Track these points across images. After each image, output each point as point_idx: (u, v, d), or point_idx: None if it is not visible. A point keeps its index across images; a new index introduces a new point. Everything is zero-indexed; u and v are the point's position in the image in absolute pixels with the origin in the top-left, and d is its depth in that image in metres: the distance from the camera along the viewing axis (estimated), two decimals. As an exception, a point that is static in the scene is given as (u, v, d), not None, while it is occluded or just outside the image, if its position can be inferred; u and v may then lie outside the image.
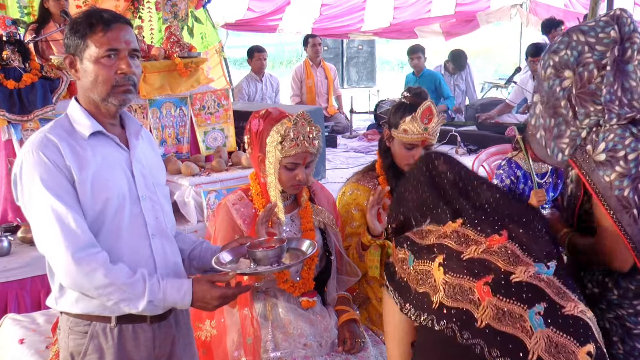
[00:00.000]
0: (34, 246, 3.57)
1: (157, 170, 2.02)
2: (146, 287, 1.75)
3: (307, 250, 2.06)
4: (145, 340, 1.90)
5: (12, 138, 3.97)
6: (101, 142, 1.85)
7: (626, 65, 1.69)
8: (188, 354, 2.07)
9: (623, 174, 1.65)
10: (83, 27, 1.79)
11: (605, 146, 1.68)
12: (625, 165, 1.65)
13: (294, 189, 2.47)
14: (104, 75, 1.79)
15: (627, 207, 1.64)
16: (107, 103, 1.83)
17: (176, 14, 5.05)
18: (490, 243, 1.56)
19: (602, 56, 1.69)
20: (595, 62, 1.70)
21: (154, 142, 2.13)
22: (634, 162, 1.65)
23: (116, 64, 1.80)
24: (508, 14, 10.18)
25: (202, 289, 1.81)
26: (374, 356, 2.48)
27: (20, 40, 4.22)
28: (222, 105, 4.98)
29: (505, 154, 3.65)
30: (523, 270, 1.51)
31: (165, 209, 1.98)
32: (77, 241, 1.71)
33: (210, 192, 4.21)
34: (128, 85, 1.82)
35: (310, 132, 2.39)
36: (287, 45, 18.23)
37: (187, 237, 2.17)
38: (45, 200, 1.72)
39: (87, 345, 1.86)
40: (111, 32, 1.79)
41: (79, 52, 1.81)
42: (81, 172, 1.76)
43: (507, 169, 3.37)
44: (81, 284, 1.73)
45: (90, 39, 1.78)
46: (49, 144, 1.76)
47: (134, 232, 1.86)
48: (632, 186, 1.64)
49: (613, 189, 1.65)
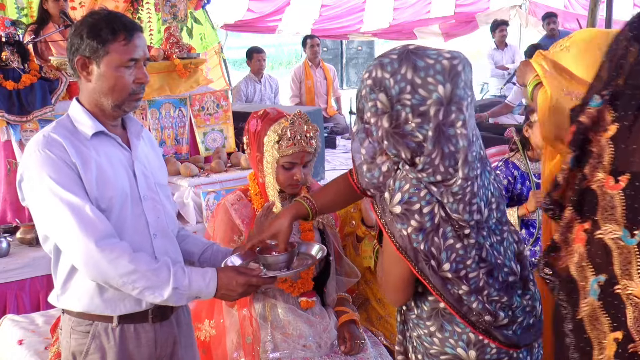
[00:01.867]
0: (33, 247, 3.68)
1: (158, 171, 2.03)
2: (171, 274, 1.75)
3: (317, 254, 2.04)
4: (147, 340, 1.90)
5: (11, 139, 3.97)
6: (103, 142, 1.86)
7: (449, 129, 1.55)
8: (189, 353, 2.07)
9: (418, 228, 1.59)
10: (105, 33, 1.78)
11: (401, 198, 1.60)
12: (420, 218, 1.59)
13: (292, 189, 2.47)
14: (123, 84, 1.81)
15: (426, 260, 1.61)
16: (118, 109, 1.85)
17: (175, 15, 5.06)
18: (607, 184, 1.47)
19: (422, 103, 1.55)
20: (412, 106, 1.55)
21: (155, 143, 2.14)
22: (428, 216, 1.59)
23: (134, 73, 1.82)
24: (507, 15, 10.19)
25: (227, 276, 1.81)
26: (373, 357, 2.48)
27: (20, 41, 4.22)
28: (221, 106, 4.99)
29: (505, 154, 3.65)
30: (609, 230, 1.45)
31: (166, 208, 1.98)
32: (98, 230, 1.72)
33: (210, 193, 4.21)
34: (141, 93, 1.86)
35: (308, 132, 2.39)
36: (286, 46, 18.24)
37: (198, 240, 2.18)
38: (58, 195, 1.72)
39: (89, 345, 1.86)
40: (133, 42, 1.81)
41: (96, 57, 1.80)
42: (86, 171, 1.77)
43: (504, 170, 3.37)
44: (106, 272, 1.72)
45: (112, 46, 1.78)
46: (54, 142, 1.77)
47: (136, 231, 1.86)
48: (426, 239, 1.60)
49: (411, 242, 1.60)
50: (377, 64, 1.60)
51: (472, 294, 1.65)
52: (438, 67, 1.55)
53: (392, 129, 1.58)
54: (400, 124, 1.57)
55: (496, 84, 8.81)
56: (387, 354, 2.59)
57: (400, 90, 1.55)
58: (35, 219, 1.83)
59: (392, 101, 1.56)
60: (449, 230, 1.61)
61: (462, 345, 1.71)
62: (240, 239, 2.43)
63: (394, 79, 1.56)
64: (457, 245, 1.61)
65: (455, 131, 1.56)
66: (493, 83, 9.04)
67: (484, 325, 1.68)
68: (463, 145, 1.56)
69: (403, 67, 1.56)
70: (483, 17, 10.18)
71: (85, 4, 5.80)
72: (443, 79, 1.54)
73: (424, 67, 1.55)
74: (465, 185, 1.58)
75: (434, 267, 1.62)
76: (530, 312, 1.78)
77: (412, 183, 1.60)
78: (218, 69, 7.67)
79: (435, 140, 1.55)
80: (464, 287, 1.64)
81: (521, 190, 3.35)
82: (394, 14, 10.43)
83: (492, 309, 1.67)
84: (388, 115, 1.58)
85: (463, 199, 1.58)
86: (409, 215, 1.59)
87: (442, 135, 1.55)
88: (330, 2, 10.11)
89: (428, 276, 1.63)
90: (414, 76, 1.54)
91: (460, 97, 1.56)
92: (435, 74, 1.54)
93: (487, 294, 1.67)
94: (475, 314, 1.66)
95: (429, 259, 1.61)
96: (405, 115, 1.56)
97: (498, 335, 1.70)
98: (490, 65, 8.83)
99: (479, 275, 1.65)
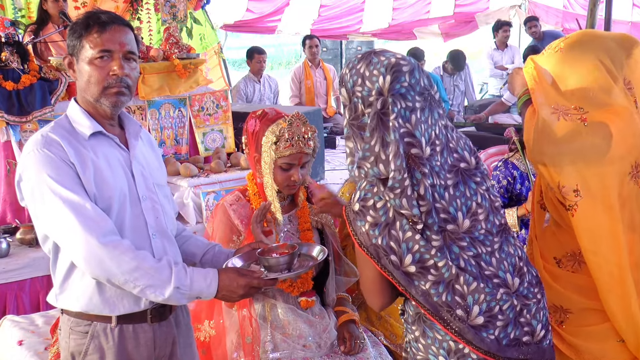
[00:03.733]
0: (33, 247, 3.68)
1: (157, 171, 2.03)
2: (172, 273, 1.75)
3: (318, 255, 2.05)
4: (145, 340, 1.90)
5: (10, 139, 3.96)
6: (101, 142, 1.86)
7: (387, 118, 1.64)
8: (189, 354, 2.07)
9: (374, 223, 1.65)
10: (80, 28, 1.81)
11: (359, 195, 1.68)
12: (374, 213, 1.65)
13: (289, 189, 2.47)
14: (96, 77, 1.80)
15: (386, 255, 1.64)
16: (99, 104, 1.84)
17: (175, 15, 5.05)
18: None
19: (369, 94, 1.67)
20: (362, 97, 1.68)
21: (154, 143, 2.13)
22: (382, 210, 1.64)
23: (109, 66, 1.81)
24: (507, 15, 10.20)
25: (228, 277, 1.81)
26: (373, 357, 2.48)
27: (19, 42, 4.21)
28: (220, 107, 4.99)
29: (505, 154, 3.65)
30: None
31: (165, 209, 1.98)
32: (99, 227, 1.72)
33: (209, 193, 4.21)
34: (120, 87, 1.82)
35: (306, 133, 2.39)
36: (286, 46, 18.23)
37: (200, 241, 2.18)
38: (58, 194, 1.72)
39: (87, 345, 1.86)
40: (106, 34, 1.80)
41: (76, 53, 1.83)
42: (85, 171, 1.77)
43: (503, 170, 3.37)
44: (109, 269, 1.72)
45: (86, 40, 1.80)
46: (52, 142, 1.77)
47: (135, 231, 1.86)
48: (383, 234, 1.64)
49: (370, 237, 1.65)
50: (346, 64, 1.77)
51: (441, 284, 1.64)
52: (385, 62, 1.67)
53: (351, 121, 1.72)
54: (358, 116, 1.70)
55: (495, 84, 8.84)
56: (387, 353, 2.59)
57: (354, 82, 1.69)
58: (34, 219, 1.82)
59: (349, 94, 1.71)
60: (405, 223, 1.63)
61: (443, 354, 1.71)
62: (239, 239, 2.43)
63: (350, 74, 1.71)
64: (416, 237, 1.63)
65: (391, 123, 1.63)
66: (492, 83, 9.07)
67: (456, 324, 1.65)
68: (395, 138, 1.61)
69: (360, 63, 1.70)
70: (483, 17, 10.19)
71: (88, 4, 5.80)
72: (385, 71, 1.65)
73: (375, 63, 1.68)
74: (399, 177, 1.61)
75: (395, 263, 1.64)
76: (525, 330, 1.73)
77: (368, 180, 1.67)
78: (218, 69, 7.67)
79: (374, 127, 1.64)
80: (430, 277, 1.63)
81: (520, 190, 3.35)
82: (394, 14, 10.43)
83: (463, 302, 1.64)
84: (348, 107, 1.73)
85: (404, 193, 1.61)
86: (365, 212, 1.66)
87: (380, 123, 1.64)
88: (329, 3, 10.11)
89: (392, 272, 1.65)
90: (365, 70, 1.68)
91: (399, 93, 1.64)
92: (380, 67, 1.66)
93: (463, 281, 1.64)
94: (446, 309, 1.65)
95: (389, 254, 1.64)
96: (361, 107, 1.68)
97: (473, 338, 1.66)
98: (489, 65, 8.85)
99: (448, 264, 1.64)
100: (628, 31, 8.48)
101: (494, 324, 1.68)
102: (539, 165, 2.08)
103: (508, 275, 1.73)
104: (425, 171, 1.64)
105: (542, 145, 2.04)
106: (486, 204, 1.74)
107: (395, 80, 1.64)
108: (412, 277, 1.64)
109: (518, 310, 1.72)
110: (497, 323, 1.68)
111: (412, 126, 1.64)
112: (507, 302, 1.69)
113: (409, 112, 1.65)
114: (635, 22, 9.85)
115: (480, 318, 1.66)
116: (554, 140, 2.01)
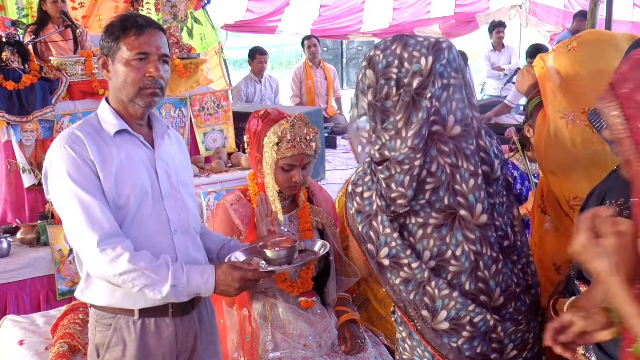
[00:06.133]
0: (33, 247, 3.68)
1: (183, 170, 2.07)
2: (169, 271, 1.80)
3: (319, 250, 2.05)
4: (167, 334, 1.94)
5: (11, 139, 3.97)
6: (126, 140, 1.91)
7: (421, 100, 1.64)
8: (211, 350, 2.10)
9: (358, 210, 1.67)
10: (117, 30, 1.87)
11: (354, 178, 1.71)
12: (360, 201, 1.67)
13: (290, 190, 2.47)
14: (133, 77, 1.86)
15: (363, 242, 1.67)
16: (134, 104, 1.89)
17: (175, 15, 5.05)
18: None
19: (406, 75, 1.66)
20: (398, 79, 1.66)
21: (183, 144, 2.19)
22: (368, 200, 1.66)
23: (145, 67, 1.86)
24: (507, 15, 10.20)
25: (223, 272, 1.84)
26: (373, 357, 2.48)
27: (20, 42, 4.22)
28: (221, 106, 4.99)
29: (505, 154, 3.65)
30: None
31: (188, 206, 2.02)
32: (103, 230, 1.78)
33: (210, 193, 4.21)
34: (155, 88, 1.88)
35: (308, 134, 2.39)
36: (286, 46, 18.23)
37: (216, 236, 2.22)
38: (71, 191, 1.79)
39: (110, 337, 1.91)
40: (143, 37, 1.86)
41: (111, 54, 1.88)
42: (104, 167, 1.83)
43: (504, 170, 3.37)
44: (106, 272, 1.79)
45: (123, 42, 1.85)
46: (76, 139, 1.84)
47: (157, 227, 1.91)
48: (364, 222, 1.66)
49: (354, 221, 1.68)
50: (373, 46, 1.74)
51: (412, 282, 1.64)
52: (425, 42, 1.67)
53: (375, 101, 1.69)
54: (382, 98, 1.68)
55: (493, 84, 8.84)
56: (388, 353, 2.59)
57: (388, 64, 1.67)
58: (57, 212, 1.90)
59: (378, 75, 1.68)
60: (385, 219, 1.65)
61: (428, 357, 1.71)
62: (239, 239, 2.43)
63: (383, 54, 1.68)
64: (394, 235, 1.64)
65: (424, 103, 1.63)
66: (490, 84, 9.07)
67: (419, 322, 1.65)
68: (422, 117, 1.62)
69: (394, 44, 1.69)
70: (483, 17, 10.18)
71: (85, 4, 5.80)
72: (427, 51, 1.65)
73: (413, 44, 1.67)
74: (412, 156, 1.61)
75: (371, 252, 1.67)
76: (493, 346, 1.68)
77: (364, 167, 1.69)
78: (218, 69, 7.68)
79: (405, 106, 1.63)
80: (402, 274, 1.64)
81: (521, 190, 3.35)
82: (394, 14, 10.43)
83: (431, 304, 1.63)
84: (372, 89, 1.69)
85: (410, 170, 1.61)
86: (353, 196, 1.69)
87: (412, 103, 1.63)
88: (329, 2, 10.10)
89: (368, 259, 1.68)
90: (402, 51, 1.66)
91: (438, 73, 1.64)
92: (421, 48, 1.66)
93: (434, 285, 1.63)
94: (413, 306, 1.65)
95: (366, 242, 1.67)
96: (388, 90, 1.66)
97: (432, 339, 1.65)
98: (486, 66, 8.87)
99: (422, 267, 1.64)
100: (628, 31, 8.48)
101: (459, 333, 1.66)
102: (548, 174, 2.06)
103: (498, 289, 1.70)
104: (444, 149, 1.65)
105: (553, 154, 2.02)
106: (507, 220, 1.75)
107: (436, 60, 1.65)
108: (384, 269, 1.67)
109: (491, 325, 1.67)
110: (462, 333, 1.66)
111: (440, 104, 1.65)
112: (480, 315, 1.65)
113: (442, 90, 1.65)
114: (635, 22, 9.84)
115: (445, 323, 1.65)
116: (565, 149, 1.99)
